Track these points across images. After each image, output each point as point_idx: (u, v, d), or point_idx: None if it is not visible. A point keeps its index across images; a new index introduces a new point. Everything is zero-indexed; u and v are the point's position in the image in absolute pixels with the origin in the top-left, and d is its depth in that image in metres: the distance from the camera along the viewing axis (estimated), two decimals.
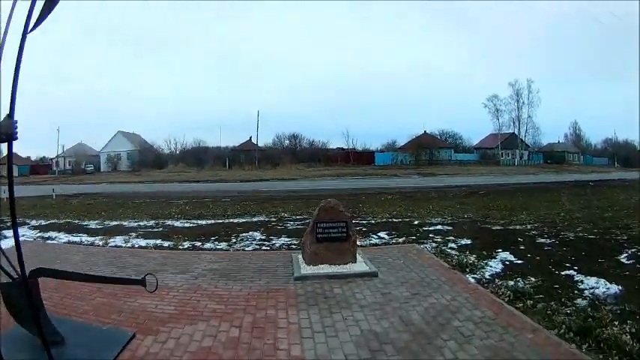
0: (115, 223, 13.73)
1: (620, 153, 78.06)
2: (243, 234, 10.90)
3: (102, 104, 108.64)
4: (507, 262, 7.67)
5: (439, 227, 11.26)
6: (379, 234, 10.51)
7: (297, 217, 13.75)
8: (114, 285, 5.62)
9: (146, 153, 72.50)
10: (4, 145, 2.92)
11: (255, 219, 13.73)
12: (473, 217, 13.08)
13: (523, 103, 72.40)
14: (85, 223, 13.73)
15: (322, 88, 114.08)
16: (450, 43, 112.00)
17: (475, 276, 6.84)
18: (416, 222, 12.23)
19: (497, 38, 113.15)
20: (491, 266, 7.42)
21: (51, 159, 77.44)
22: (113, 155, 73.91)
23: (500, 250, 8.39)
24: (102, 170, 71.22)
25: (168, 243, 9.95)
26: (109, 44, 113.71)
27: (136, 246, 9.87)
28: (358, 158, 70.03)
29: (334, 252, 6.99)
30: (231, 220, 13.52)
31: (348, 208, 15.66)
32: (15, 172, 45.94)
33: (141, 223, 13.41)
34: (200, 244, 9.83)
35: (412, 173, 48.49)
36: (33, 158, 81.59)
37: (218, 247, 9.54)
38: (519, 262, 7.72)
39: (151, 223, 13.48)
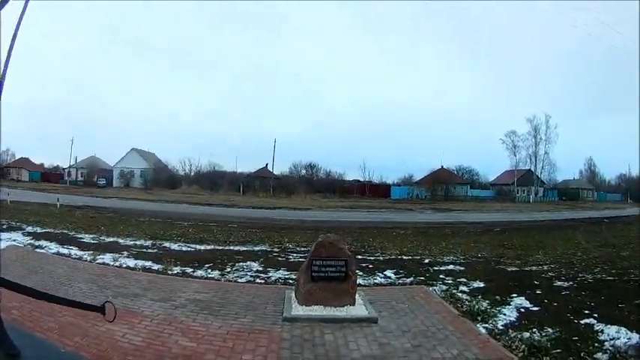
0: (110, 239, 13.26)
1: (633, 189, 75.78)
2: (241, 263, 10.22)
3: (120, 120, 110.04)
4: (522, 310, 6.91)
5: (451, 267, 10.44)
6: (385, 272, 9.69)
7: (302, 248, 12.98)
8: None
9: (160, 172, 72.06)
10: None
11: (257, 248, 13.03)
12: (487, 257, 12.25)
13: (540, 139, 70.80)
14: (80, 236, 13.34)
15: (340, 120, 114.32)
16: (468, 77, 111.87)
17: (487, 325, 6.08)
18: (426, 260, 11.41)
19: (514, 72, 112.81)
20: (504, 314, 6.66)
21: (63, 168, 77.72)
22: (126, 171, 73.83)
23: (515, 295, 7.62)
24: (114, 185, 71.12)
25: (158, 266, 9.37)
26: (132, 60, 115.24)
27: (124, 266, 9.37)
28: (374, 191, 68.88)
29: (331, 292, 6.23)
30: (232, 248, 12.84)
31: (357, 242, 15.07)
32: (25, 177, 46.03)
33: (137, 242, 12.89)
34: (191, 270, 9.19)
35: (427, 208, 47.52)
36: (46, 165, 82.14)
37: (209, 275, 8.89)
38: (535, 309, 6.96)
39: (148, 243, 12.94)
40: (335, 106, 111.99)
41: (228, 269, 9.53)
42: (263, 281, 8.61)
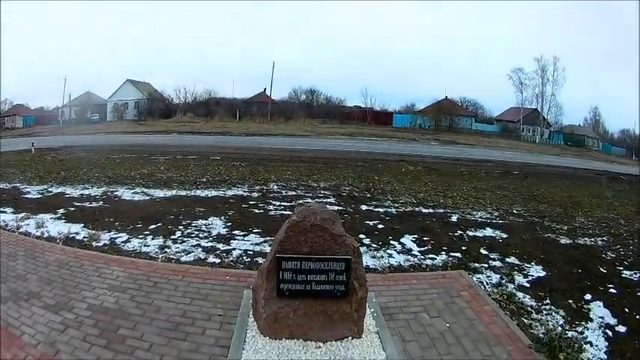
0: (59, 190, 10.79)
1: (638, 146, 73.67)
2: (199, 222, 7.70)
3: (118, 53, 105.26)
4: (608, 330, 4.63)
5: (489, 232, 7.85)
6: (403, 240, 7.00)
7: (290, 192, 10.44)
8: None
9: (154, 102, 67.79)
10: None
11: (230, 192, 10.47)
12: (525, 215, 9.74)
13: (547, 80, 68.14)
14: (28, 190, 10.86)
15: (341, 46, 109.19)
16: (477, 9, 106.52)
17: None
18: (454, 218, 8.84)
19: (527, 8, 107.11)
20: (590, 342, 4.36)
21: (58, 108, 74.40)
22: (120, 104, 69.95)
23: (589, 298, 5.33)
24: (108, 120, 67.75)
25: (85, 234, 6.84)
26: None
27: (45, 235, 6.98)
28: (375, 118, 65.26)
29: (317, 318, 3.38)
30: (198, 194, 10.28)
31: (360, 181, 12.57)
32: (20, 124, 44.04)
33: (85, 192, 10.37)
34: (125, 239, 6.67)
35: (431, 139, 44.95)
36: (45, 108, 78.86)
37: (145, 248, 6.28)
38: (622, 329, 4.68)
39: (99, 191, 10.45)
40: (337, 31, 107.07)
41: (178, 234, 6.99)
42: (219, 260, 5.88)
